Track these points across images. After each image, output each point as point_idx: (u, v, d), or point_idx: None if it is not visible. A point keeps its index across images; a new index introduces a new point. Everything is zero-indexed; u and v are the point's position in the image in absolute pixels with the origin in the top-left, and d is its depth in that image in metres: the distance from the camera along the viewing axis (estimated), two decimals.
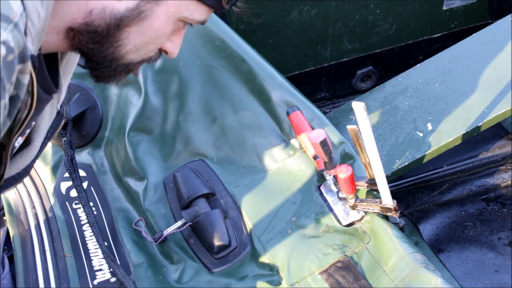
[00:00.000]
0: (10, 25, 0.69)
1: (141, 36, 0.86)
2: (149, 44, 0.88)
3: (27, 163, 0.96)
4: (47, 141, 1.00)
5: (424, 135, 1.39)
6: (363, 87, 2.24)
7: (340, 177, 1.14)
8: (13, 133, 0.82)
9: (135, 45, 0.87)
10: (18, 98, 0.76)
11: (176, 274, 1.27)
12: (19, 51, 0.70)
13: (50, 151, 1.52)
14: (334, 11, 2.00)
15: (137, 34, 0.85)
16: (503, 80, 1.44)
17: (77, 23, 0.82)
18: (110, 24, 0.82)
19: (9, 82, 0.70)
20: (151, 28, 0.85)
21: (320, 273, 1.16)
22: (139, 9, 0.83)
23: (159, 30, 0.87)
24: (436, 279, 1.05)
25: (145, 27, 0.85)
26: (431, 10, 2.11)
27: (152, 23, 0.85)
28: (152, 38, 0.87)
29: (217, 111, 1.44)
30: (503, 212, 1.61)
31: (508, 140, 1.80)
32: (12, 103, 0.75)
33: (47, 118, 0.97)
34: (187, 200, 1.31)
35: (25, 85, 0.75)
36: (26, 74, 0.74)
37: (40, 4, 0.74)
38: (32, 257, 1.33)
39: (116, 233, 1.36)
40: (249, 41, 1.51)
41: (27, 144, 0.95)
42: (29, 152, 0.96)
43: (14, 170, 0.94)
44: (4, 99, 0.71)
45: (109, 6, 0.81)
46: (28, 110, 0.80)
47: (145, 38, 0.86)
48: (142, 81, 1.51)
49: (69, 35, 0.84)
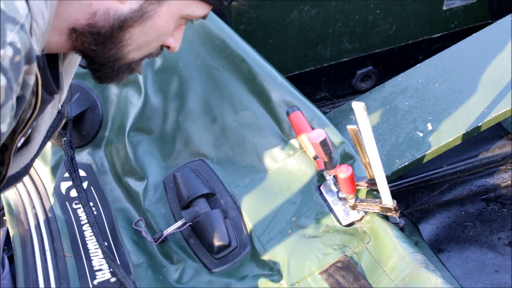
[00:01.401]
0: (17, 26, 0.69)
1: (144, 36, 0.86)
2: (151, 42, 0.89)
3: (27, 162, 0.96)
4: (47, 140, 1.00)
5: (424, 135, 1.39)
6: (363, 87, 2.24)
7: (340, 177, 1.14)
8: (16, 133, 0.82)
9: (138, 44, 0.87)
10: (24, 98, 0.76)
11: (176, 274, 1.27)
12: (25, 52, 0.71)
13: (50, 151, 1.52)
14: (334, 11, 2.01)
15: (140, 34, 0.86)
16: (503, 80, 1.44)
17: (81, 24, 0.82)
18: (114, 25, 0.83)
19: (16, 83, 0.70)
20: (154, 28, 0.86)
21: (320, 273, 1.16)
22: (143, 10, 0.83)
23: (162, 29, 0.88)
24: (436, 279, 1.05)
25: (148, 27, 0.85)
26: (431, 10, 2.11)
27: (155, 23, 0.85)
28: (155, 37, 0.88)
29: (217, 111, 1.44)
30: (503, 212, 1.61)
31: (508, 140, 1.80)
32: (18, 103, 0.75)
33: (48, 117, 0.97)
34: (187, 200, 1.31)
35: (31, 86, 0.76)
36: (32, 75, 0.75)
37: (44, 5, 0.74)
38: (32, 257, 1.33)
39: (116, 233, 1.36)
40: (249, 41, 1.51)
41: (26, 143, 0.95)
42: (29, 151, 0.96)
43: (14, 169, 0.94)
44: (12, 100, 0.71)
45: (113, 8, 0.82)
46: (32, 110, 0.81)
47: (148, 37, 0.87)
48: (142, 81, 1.50)
49: (71, 36, 0.84)
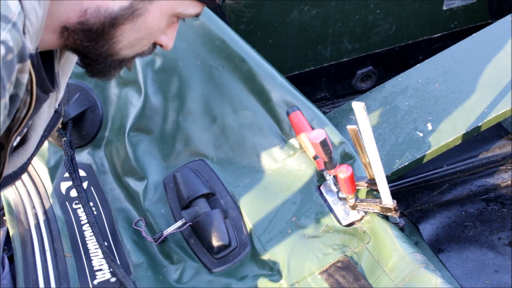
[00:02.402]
0: (9, 24, 0.70)
1: (135, 33, 0.87)
2: (143, 39, 0.89)
3: (24, 161, 0.97)
4: (44, 139, 1.00)
5: (424, 135, 1.39)
6: (363, 87, 2.24)
7: (340, 177, 1.14)
8: (12, 132, 0.83)
9: (130, 42, 0.87)
10: (18, 97, 0.76)
11: (176, 274, 1.27)
12: (18, 50, 0.71)
13: (50, 151, 1.52)
14: (334, 11, 2.00)
15: (132, 31, 0.86)
16: (503, 80, 1.44)
17: (72, 23, 0.83)
18: (105, 23, 0.83)
19: (9, 82, 0.71)
20: (145, 25, 0.86)
21: (320, 273, 1.16)
22: (133, 8, 0.83)
23: (153, 26, 0.87)
24: (436, 279, 1.05)
25: (139, 24, 0.85)
26: (431, 10, 2.11)
27: (146, 20, 0.86)
28: (146, 34, 0.88)
29: (217, 111, 1.44)
30: (503, 212, 1.61)
31: (508, 140, 1.80)
32: (11, 102, 0.76)
33: (45, 116, 0.97)
34: (187, 200, 1.31)
35: (24, 84, 0.76)
36: (25, 73, 0.75)
37: (37, 4, 0.75)
38: (32, 257, 1.33)
39: (116, 233, 1.36)
40: (249, 41, 1.51)
41: (23, 142, 0.95)
42: (26, 151, 0.96)
43: (11, 169, 0.94)
44: (4, 98, 0.71)
45: (104, 6, 0.82)
46: (27, 109, 0.81)
47: (140, 34, 0.87)
48: (142, 81, 1.50)
49: (63, 35, 0.84)
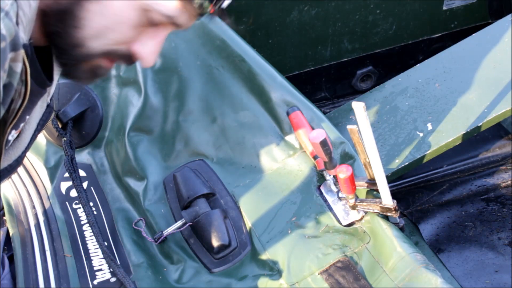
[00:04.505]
0: (1, 13, 0.71)
1: (100, 18, 0.84)
2: (109, 30, 0.86)
3: (18, 154, 0.98)
4: (37, 133, 1.02)
5: (424, 135, 1.39)
6: (363, 87, 2.24)
7: (340, 177, 1.14)
8: (7, 124, 0.84)
9: (96, 30, 0.85)
10: (12, 86, 0.78)
11: (176, 274, 1.27)
12: (10, 38, 0.73)
13: (50, 151, 1.52)
14: (334, 11, 2.00)
15: (97, 15, 0.83)
16: (503, 80, 1.44)
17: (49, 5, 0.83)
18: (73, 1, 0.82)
19: (2, 69, 0.73)
20: (111, 10, 0.83)
21: (320, 273, 1.16)
22: None
23: (120, 14, 0.84)
24: (436, 279, 1.05)
25: (104, 5, 0.83)
26: (431, 10, 2.11)
27: (113, 4, 0.83)
28: (113, 23, 0.85)
29: (217, 111, 1.44)
30: (503, 212, 1.61)
31: (508, 140, 1.80)
32: (5, 91, 0.77)
33: (38, 110, 0.98)
34: (187, 200, 1.31)
35: (18, 73, 0.77)
36: (18, 62, 0.76)
37: None
38: (32, 257, 1.33)
39: (116, 233, 1.36)
40: (249, 41, 1.51)
41: (17, 136, 0.96)
42: (20, 144, 0.97)
43: (6, 162, 0.96)
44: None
45: None
46: (22, 100, 0.82)
47: (105, 20, 0.84)
48: (142, 81, 1.51)
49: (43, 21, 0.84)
